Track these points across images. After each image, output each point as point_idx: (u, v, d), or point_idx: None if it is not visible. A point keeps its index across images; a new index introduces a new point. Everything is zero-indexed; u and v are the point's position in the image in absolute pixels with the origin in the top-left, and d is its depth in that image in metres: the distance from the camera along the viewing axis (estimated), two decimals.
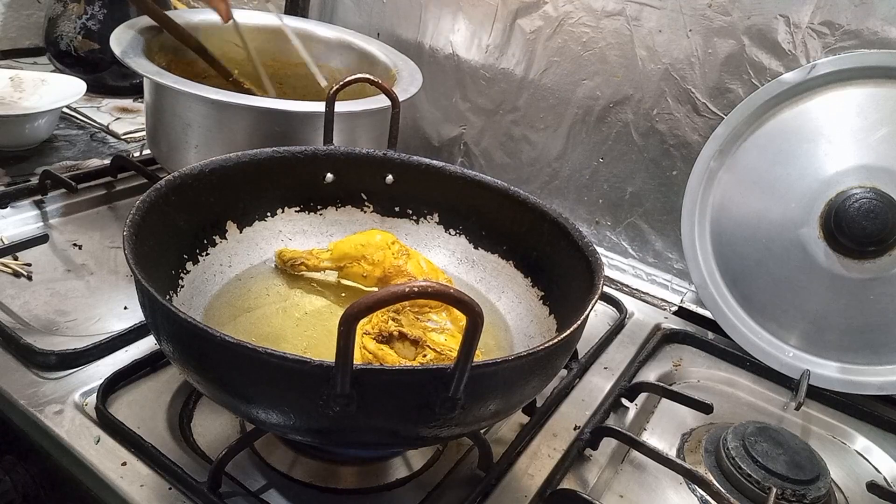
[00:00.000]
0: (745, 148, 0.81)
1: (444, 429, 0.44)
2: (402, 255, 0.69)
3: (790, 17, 0.81)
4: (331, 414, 0.41)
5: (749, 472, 0.62)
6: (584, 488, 0.60)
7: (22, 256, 0.78)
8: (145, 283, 0.45)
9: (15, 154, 0.99)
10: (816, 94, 0.77)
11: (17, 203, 0.87)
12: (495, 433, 0.65)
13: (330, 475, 0.57)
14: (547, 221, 0.65)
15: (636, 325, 0.85)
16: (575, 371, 0.73)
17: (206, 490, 0.52)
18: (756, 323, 0.80)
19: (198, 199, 0.63)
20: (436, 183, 0.72)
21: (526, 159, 1.04)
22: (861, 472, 0.70)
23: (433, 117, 1.12)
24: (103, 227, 0.89)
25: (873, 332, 0.74)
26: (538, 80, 1.00)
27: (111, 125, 1.14)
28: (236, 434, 0.60)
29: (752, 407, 0.76)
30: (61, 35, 1.22)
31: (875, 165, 0.73)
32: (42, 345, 0.63)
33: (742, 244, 0.80)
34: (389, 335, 0.58)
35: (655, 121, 0.92)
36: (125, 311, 0.74)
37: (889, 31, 0.75)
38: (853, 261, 0.74)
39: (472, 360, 0.39)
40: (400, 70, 0.95)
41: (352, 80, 0.70)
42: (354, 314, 0.36)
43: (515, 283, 0.69)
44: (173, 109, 0.83)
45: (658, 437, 0.70)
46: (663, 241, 0.95)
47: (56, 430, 0.57)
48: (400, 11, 1.12)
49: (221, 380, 0.45)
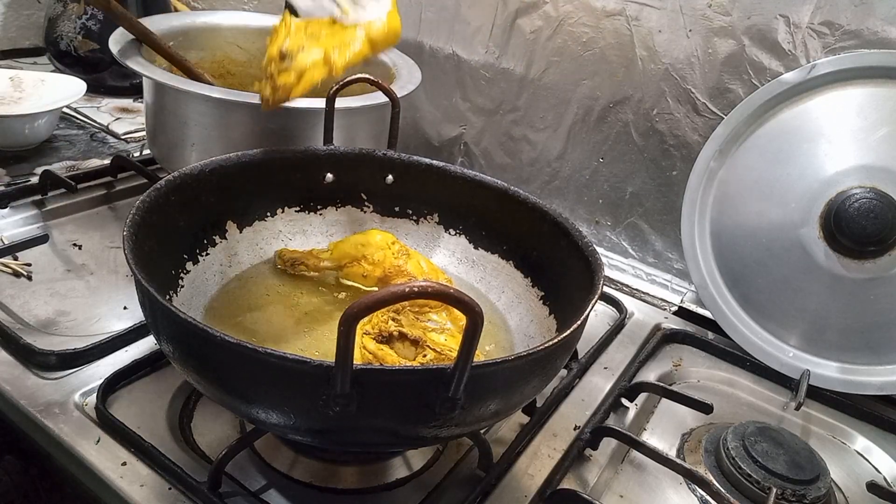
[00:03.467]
0: (745, 148, 0.81)
1: (444, 429, 0.44)
2: (402, 255, 0.69)
3: (790, 17, 0.81)
4: (331, 414, 0.41)
5: (749, 472, 0.62)
6: (584, 488, 0.60)
7: (22, 256, 0.78)
8: (145, 283, 0.45)
9: (15, 154, 0.99)
10: (816, 94, 0.77)
11: (17, 203, 0.87)
12: (495, 433, 0.65)
13: (330, 475, 0.58)
14: (547, 221, 0.65)
15: (636, 325, 0.85)
16: (575, 371, 0.73)
17: (206, 490, 0.52)
18: (756, 323, 0.80)
19: (198, 199, 0.63)
20: (436, 183, 0.72)
21: (526, 159, 1.04)
22: (861, 472, 0.69)
23: (433, 117, 1.12)
24: (103, 227, 0.89)
25: (873, 332, 0.74)
26: (538, 80, 1.00)
27: (111, 125, 1.14)
28: (236, 434, 0.60)
29: (752, 407, 0.76)
30: (61, 35, 1.22)
31: (875, 165, 0.73)
32: (42, 345, 0.63)
33: (742, 244, 0.81)
34: (389, 335, 0.58)
35: (655, 121, 0.92)
36: (125, 311, 0.74)
37: (889, 31, 0.75)
38: (853, 261, 0.74)
39: (472, 360, 0.39)
40: (399, 68, 0.95)
41: (351, 80, 0.70)
42: (354, 314, 0.36)
43: (515, 283, 0.69)
44: (173, 109, 0.83)
45: (658, 437, 0.70)
46: (663, 241, 0.95)
47: (56, 430, 0.57)
48: (400, 11, 1.12)
49: (221, 380, 0.45)
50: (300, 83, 0.65)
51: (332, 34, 0.66)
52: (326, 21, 0.67)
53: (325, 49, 0.65)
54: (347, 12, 0.67)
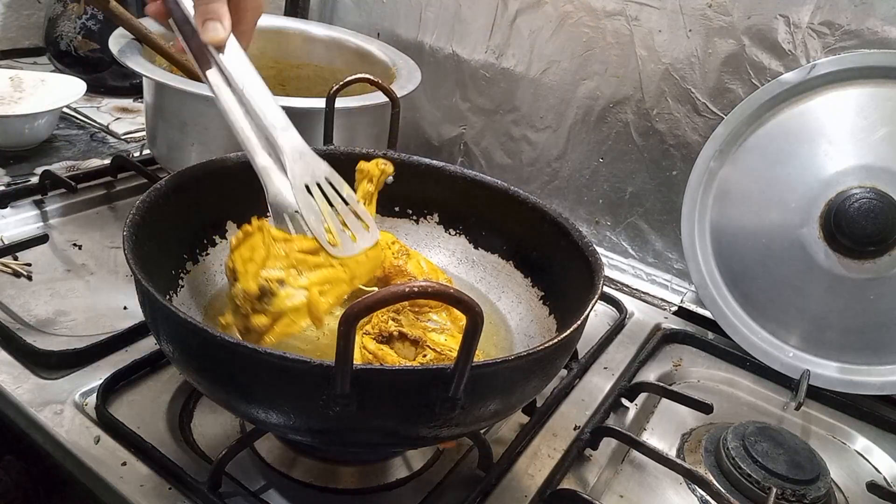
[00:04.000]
0: (745, 148, 0.81)
1: (444, 429, 0.44)
2: (402, 255, 0.69)
3: (790, 17, 0.81)
4: (331, 414, 0.41)
5: (749, 472, 0.62)
6: (584, 488, 0.60)
7: (22, 256, 0.78)
8: (145, 283, 0.45)
9: (15, 154, 0.99)
10: (816, 94, 0.77)
11: (17, 203, 0.87)
12: (495, 433, 0.65)
13: (330, 475, 0.58)
14: (547, 221, 0.65)
15: (636, 325, 0.85)
16: (575, 371, 0.73)
17: (206, 490, 0.52)
18: (756, 323, 0.80)
19: (198, 199, 0.63)
20: (436, 183, 0.72)
21: (526, 159, 1.04)
22: (861, 472, 0.69)
23: (433, 117, 1.12)
24: (103, 227, 0.89)
25: (873, 332, 0.74)
26: (538, 80, 1.00)
27: (111, 125, 1.14)
28: (236, 434, 0.60)
29: (752, 407, 0.76)
30: (61, 35, 1.22)
31: (875, 165, 0.73)
32: (42, 345, 0.63)
33: (742, 244, 0.80)
34: (389, 335, 0.58)
35: (655, 121, 0.92)
36: (125, 311, 0.74)
37: (889, 31, 0.75)
38: (853, 261, 0.74)
39: (472, 360, 0.39)
40: (399, 68, 0.95)
41: (351, 80, 0.70)
42: (354, 314, 0.36)
43: (515, 283, 0.69)
44: (173, 109, 0.83)
45: (658, 437, 0.70)
46: (663, 241, 0.95)
47: (56, 430, 0.57)
48: (400, 11, 1.12)
49: (221, 380, 0.45)
50: (274, 330, 0.50)
51: (317, 266, 0.53)
52: (310, 242, 0.53)
53: (310, 291, 0.51)
54: (337, 244, 0.53)
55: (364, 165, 0.64)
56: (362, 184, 0.63)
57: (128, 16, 0.85)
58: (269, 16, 1.08)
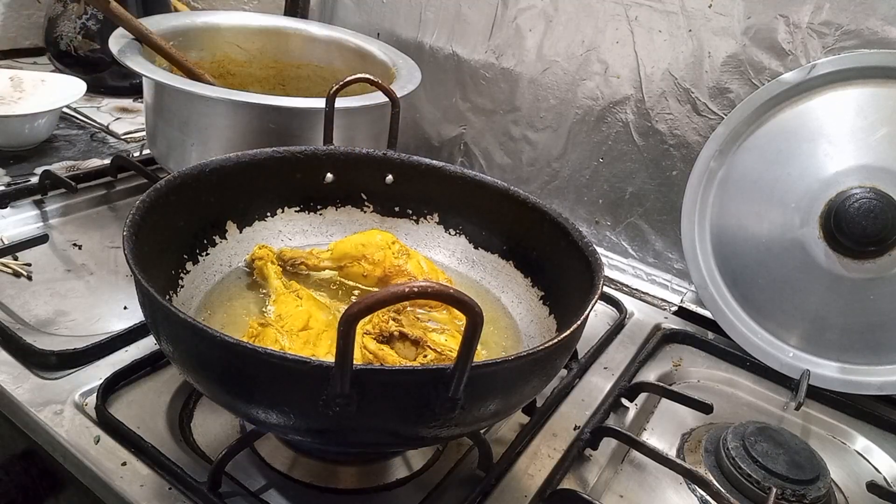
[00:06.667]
0: (745, 148, 0.81)
1: (444, 429, 0.44)
2: (402, 255, 0.69)
3: (790, 17, 0.81)
4: (331, 414, 0.41)
5: (749, 472, 0.62)
6: (584, 488, 0.60)
7: (22, 256, 0.78)
8: (145, 283, 0.45)
9: (15, 154, 0.99)
10: (816, 94, 0.77)
11: (17, 203, 0.87)
12: (495, 433, 0.65)
13: (330, 475, 0.57)
14: (547, 221, 0.65)
15: (636, 325, 0.85)
16: (575, 371, 0.73)
17: (206, 490, 0.52)
18: (756, 323, 0.80)
19: (198, 199, 0.63)
20: (436, 183, 0.72)
21: (526, 159, 1.04)
22: (861, 472, 0.69)
23: (433, 117, 1.12)
24: (103, 227, 0.89)
25: (873, 332, 0.74)
26: (538, 80, 1.00)
27: (111, 125, 1.14)
28: (236, 434, 0.60)
29: (752, 407, 0.76)
30: (61, 35, 1.22)
31: (875, 165, 0.73)
32: (42, 345, 0.63)
33: (742, 244, 0.80)
34: (390, 335, 0.58)
35: (655, 121, 0.92)
36: (125, 311, 0.74)
37: (889, 31, 0.75)
38: (853, 261, 0.74)
39: (472, 360, 0.39)
40: (399, 68, 0.95)
41: (351, 80, 0.70)
42: (354, 314, 0.36)
43: (515, 283, 0.69)
44: (173, 109, 0.83)
45: (658, 437, 0.70)
46: (663, 241, 0.95)
47: (56, 430, 0.57)
48: (400, 11, 1.12)
49: (221, 380, 0.45)
50: None
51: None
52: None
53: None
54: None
55: (256, 263, 0.67)
56: (268, 268, 0.66)
57: (128, 16, 0.85)
58: (269, 16, 1.08)
